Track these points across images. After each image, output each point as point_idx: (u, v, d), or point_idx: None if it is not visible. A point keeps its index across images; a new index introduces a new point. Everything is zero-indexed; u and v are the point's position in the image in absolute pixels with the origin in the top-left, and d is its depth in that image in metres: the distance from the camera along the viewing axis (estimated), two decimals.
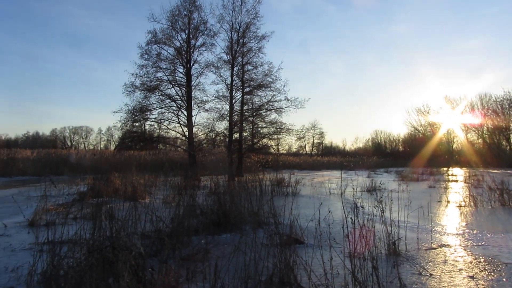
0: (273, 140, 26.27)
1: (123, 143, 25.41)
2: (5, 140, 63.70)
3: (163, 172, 15.98)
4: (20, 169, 24.42)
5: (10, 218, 7.25)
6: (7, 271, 4.05)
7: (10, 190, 14.17)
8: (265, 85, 23.29)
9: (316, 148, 72.91)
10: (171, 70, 22.91)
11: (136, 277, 3.04)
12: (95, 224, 3.59)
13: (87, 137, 70.02)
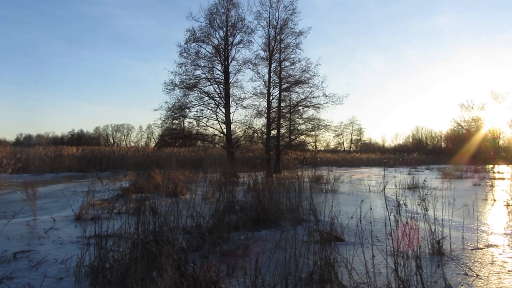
0: (311, 137, 26.11)
1: (163, 140, 25.96)
2: (52, 138, 66.55)
3: (202, 168, 16.22)
4: (66, 166, 25.43)
5: (58, 213, 7.56)
6: (57, 263, 4.23)
7: (58, 186, 14.79)
8: (303, 81, 23.12)
9: (354, 145, 71.72)
10: (209, 68, 23.18)
11: (179, 271, 3.10)
12: (138, 219, 3.68)
13: (128, 135, 71.95)
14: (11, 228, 5.95)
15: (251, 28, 23.32)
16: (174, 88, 22.65)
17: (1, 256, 4.45)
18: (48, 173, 23.57)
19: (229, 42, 23.24)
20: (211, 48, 23.15)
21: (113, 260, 3.50)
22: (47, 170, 24.05)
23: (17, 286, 3.45)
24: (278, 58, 23.37)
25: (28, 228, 6.18)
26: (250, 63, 23.32)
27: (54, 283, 3.58)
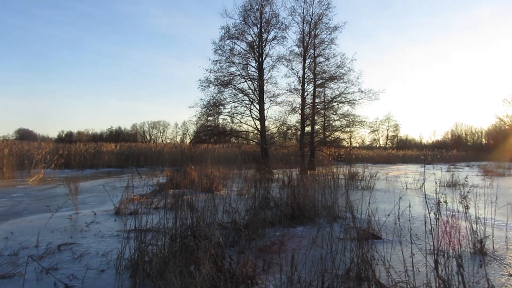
0: (346, 133, 25.71)
1: (198, 136, 26.30)
2: (92, 135, 68.60)
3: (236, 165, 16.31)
4: (105, 161, 26.23)
5: (98, 207, 7.81)
6: (98, 255, 4.37)
7: (97, 181, 15.28)
8: (338, 77, 22.83)
9: (390, 141, 70.26)
10: (243, 64, 23.24)
11: (216, 265, 3.14)
12: (176, 214, 3.75)
13: (164, 131, 73.27)
14: (55, 221, 6.20)
15: (285, 24, 23.22)
16: (209, 85, 22.89)
17: (47, 248, 4.64)
18: (88, 168, 24.39)
19: (263, 38, 23.22)
20: (245, 45, 23.23)
21: (152, 253, 3.58)
22: (88, 165, 24.89)
23: (62, 277, 3.60)
24: (312, 53, 23.17)
25: (71, 221, 6.41)
26: (284, 59, 23.23)
27: (96, 275, 3.71)
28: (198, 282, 2.76)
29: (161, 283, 2.89)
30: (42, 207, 8.17)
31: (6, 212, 7.71)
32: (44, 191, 11.78)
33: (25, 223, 6.41)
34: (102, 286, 3.41)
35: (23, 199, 9.82)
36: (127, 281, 3.46)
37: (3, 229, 5.88)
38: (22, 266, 3.91)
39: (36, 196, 10.59)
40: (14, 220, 6.72)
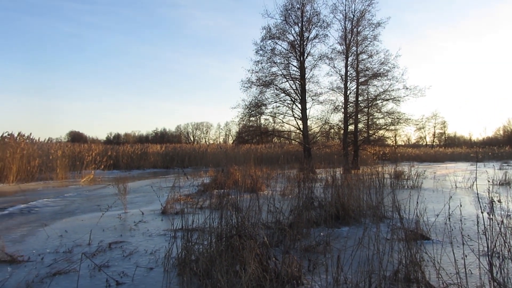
0: (390, 131, 25.10)
1: (240, 137, 26.55)
2: (138, 136, 70.82)
3: (279, 165, 16.32)
4: (151, 162, 26.99)
5: (145, 207, 8.04)
6: (147, 254, 4.50)
7: (144, 181, 15.73)
8: (381, 74, 22.33)
9: (437, 139, 67.91)
10: (285, 64, 23.22)
11: (261, 265, 3.15)
12: (221, 214, 3.80)
13: (207, 132, 74.44)
14: (105, 220, 6.43)
15: (326, 22, 22.99)
16: (250, 85, 23.06)
17: (98, 246, 4.83)
18: (135, 169, 25.18)
19: (305, 37, 23.10)
20: (286, 44, 23.20)
21: (198, 252, 3.65)
22: (134, 166, 25.70)
23: (113, 274, 3.73)
24: (355, 51, 22.80)
25: (120, 220, 6.64)
26: (326, 57, 23.00)
27: (145, 272, 3.82)
28: (244, 282, 2.78)
29: (208, 282, 2.94)
30: (93, 207, 8.51)
31: (60, 211, 8.09)
32: (94, 191, 12.27)
33: (78, 221, 6.70)
34: (151, 284, 3.51)
35: (75, 199, 10.26)
36: (175, 279, 3.54)
37: (58, 227, 6.17)
38: (76, 263, 4.08)
39: (87, 196, 11.05)
40: (67, 219, 7.04)
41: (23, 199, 10.09)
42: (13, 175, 15.38)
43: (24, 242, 5.30)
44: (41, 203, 9.34)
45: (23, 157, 16.04)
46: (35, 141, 18.64)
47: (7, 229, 6.23)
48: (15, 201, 9.75)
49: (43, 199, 10.04)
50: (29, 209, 8.42)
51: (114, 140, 64.22)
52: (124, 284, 3.50)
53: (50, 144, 20.84)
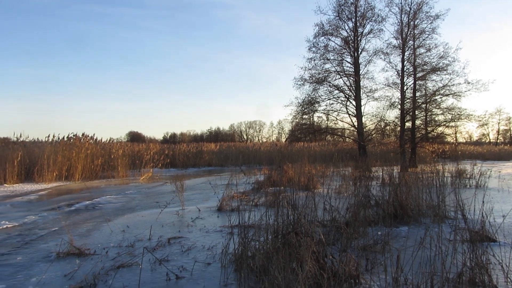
0: (450, 128, 23.97)
1: (293, 135, 26.47)
2: (193, 136, 72.57)
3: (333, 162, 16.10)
4: (206, 161, 27.60)
5: (202, 204, 8.23)
6: (204, 249, 4.61)
7: (200, 179, 16.11)
8: (441, 69, 21.34)
9: (502, 136, 64.09)
10: (338, 60, 22.86)
11: (318, 263, 3.13)
12: (277, 211, 3.81)
13: (260, 131, 74.87)
14: (164, 217, 6.66)
15: (381, 16, 22.35)
16: (303, 83, 22.90)
17: (158, 241, 5.01)
18: (191, 167, 25.85)
19: (359, 33, 22.60)
20: (340, 40, 22.83)
21: (255, 249, 3.68)
22: (190, 164, 26.39)
23: (173, 268, 3.85)
24: (412, 45, 21.97)
25: (178, 217, 6.84)
26: (382, 52, 22.36)
27: (203, 267, 3.92)
28: (300, 279, 2.77)
29: (265, 278, 2.96)
30: (152, 203, 8.84)
31: (122, 208, 8.46)
32: (153, 189, 12.73)
33: (139, 217, 6.98)
34: (209, 279, 3.59)
35: (136, 196, 10.70)
36: (232, 275, 3.60)
37: (120, 222, 6.47)
38: (138, 256, 4.25)
39: (147, 193, 11.48)
40: (129, 215, 7.36)
41: (88, 196, 10.67)
42: (78, 173, 16.30)
43: (90, 236, 5.60)
44: (104, 199, 9.82)
45: (87, 157, 16.95)
46: (98, 141, 19.63)
47: (74, 224, 6.62)
48: (81, 198, 10.32)
49: (106, 196, 10.56)
50: (94, 205, 8.89)
51: (171, 140, 66.22)
52: (183, 278, 3.61)
53: (111, 144, 21.87)
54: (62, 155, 16.08)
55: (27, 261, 4.42)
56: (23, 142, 17.37)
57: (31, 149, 16.33)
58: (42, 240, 5.49)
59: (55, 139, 17.51)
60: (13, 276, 3.91)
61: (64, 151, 16.33)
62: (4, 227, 6.44)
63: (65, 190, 12.94)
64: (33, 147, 16.76)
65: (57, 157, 15.79)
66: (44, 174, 15.22)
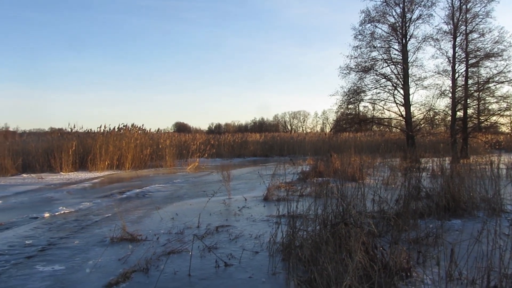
0: (505, 117, 22.74)
1: (338, 125, 26.07)
2: (237, 126, 73.14)
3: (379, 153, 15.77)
4: (251, 151, 27.81)
5: (248, 193, 8.31)
6: (252, 238, 4.67)
7: (245, 169, 16.26)
8: (495, 54, 20.18)
9: None
10: (385, 48, 22.19)
11: (367, 254, 3.09)
12: (326, 201, 3.79)
13: (304, 121, 74.27)
14: (211, 205, 6.78)
15: (431, 0, 21.41)
16: (349, 72, 22.42)
17: (206, 229, 5.12)
18: (236, 157, 26.13)
19: (407, 18, 21.78)
20: (387, 27, 22.11)
21: (302, 239, 3.68)
22: (235, 155, 26.69)
23: (222, 255, 3.93)
24: (464, 30, 20.91)
25: (225, 206, 6.96)
26: (431, 39, 21.42)
27: (251, 256, 3.97)
28: (350, 270, 2.75)
29: (314, 268, 2.96)
30: (199, 192, 9.03)
31: (170, 196, 8.71)
32: (199, 178, 13.00)
33: (187, 206, 7.16)
34: (257, 267, 3.63)
35: (183, 185, 10.97)
36: (279, 264, 3.63)
37: (169, 210, 6.66)
38: (187, 243, 4.37)
39: (194, 182, 11.74)
40: (177, 203, 7.56)
41: (138, 184, 11.04)
42: (128, 162, 16.90)
43: (141, 223, 5.81)
44: (154, 188, 10.14)
45: (137, 147, 17.54)
46: (147, 131, 20.24)
47: (126, 211, 6.88)
48: (131, 186, 10.70)
49: (155, 184, 10.89)
50: (144, 193, 9.20)
51: (216, 130, 67.08)
52: (232, 266, 3.68)
53: (159, 134, 22.49)
54: (113, 145, 16.72)
55: (83, 245, 4.66)
56: (77, 133, 18.18)
57: (85, 139, 17.08)
58: (96, 225, 5.76)
59: (106, 130, 18.22)
60: (71, 259, 4.13)
61: (115, 141, 16.97)
62: (62, 212, 6.80)
63: (116, 178, 13.47)
64: (86, 137, 17.50)
65: (108, 147, 16.44)
66: (97, 163, 15.90)
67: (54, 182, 11.84)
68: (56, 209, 7.04)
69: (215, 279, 3.37)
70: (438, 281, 2.99)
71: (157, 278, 3.35)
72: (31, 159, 15.76)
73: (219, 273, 3.52)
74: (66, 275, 3.62)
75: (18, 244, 4.78)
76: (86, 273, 3.65)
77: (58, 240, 4.94)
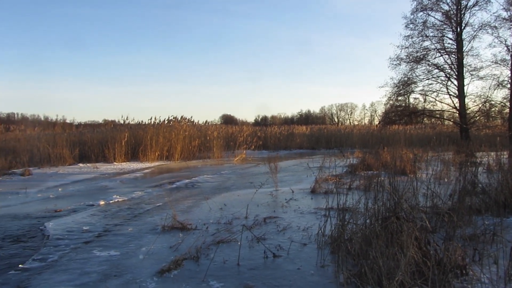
0: None
1: (387, 117, 25.40)
2: (283, 118, 72.99)
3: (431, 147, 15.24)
4: (297, 143, 27.72)
5: (295, 185, 8.30)
6: (299, 230, 4.67)
7: (291, 161, 16.24)
8: None
9: None
10: (438, 37, 21.32)
11: (420, 250, 3.01)
12: (376, 194, 3.72)
13: (352, 113, 72.90)
14: (258, 197, 6.83)
15: None
16: (399, 62, 21.76)
17: (254, 220, 5.18)
18: (282, 149, 26.13)
19: (462, 6, 20.78)
20: (440, 15, 21.22)
21: (351, 232, 3.64)
22: (281, 147, 26.68)
23: (270, 246, 3.96)
24: None
25: (272, 197, 6.99)
26: (489, 26, 20.30)
27: (299, 248, 3.97)
28: (402, 265, 2.69)
29: (364, 262, 2.92)
30: (247, 183, 9.12)
31: (218, 187, 8.86)
32: (246, 169, 13.13)
33: (234, 196, 7.26)
34: (305, 259, 3.64)
35: (231, 176, 11.12)
36: (328, 256, 3.61)
37: (217, 201, 6.78)
38: (236, 233, 4.43)
39: (241, 173, 11.88)
40: (225, 194, 7.68)
41: (187, 175, 11.32)
42: (177, 153, 17.34)
43: (190, 212, 5.96)
44: (202, 179, 10.35)
45: (185, 138, 17.95)
46: (195, 123, 20.64)
47: (176, 200, 7.08)
48: (181, 176, 10.98)
49: (203, 175, 11.11)
50: (192, 184, 9.42)
51: (262, 122, 67.28)
52: (280, 257, 3.70)
53: (207, 126, 22.87)
54: (163, 136, 17.21)
55: (136, 232, 4.85)
56: (129, 125, 18.85)
57: (136, 131, 17.70)
58: (148, 214, 5.97)
59: (156, 122, 18.76)
60: (126, 245, 4.31)
61: (165, 132, 17.46)
62: (116, 201, 7.09)
63: (166, 169, 13.87)
64: (137, 129, 18.13)
65: (158, 139, 16.94)
66: (148, 153, 16.43)
67: (108, 172, 12.36)
68: (111, 197, 7.34)
69: (264, 270, 3.40)
70: (497, 280, 2.86)
71: (207, 266, 3.42)
72: (86, 149, 16.53)
73: (268, 264, 3.55)
74: (121, 260, 3.78)
75: (77, 229, 5.04)
76: (140, 259, 3.80)
77: (113, 227, 5.16)
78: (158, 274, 3.33)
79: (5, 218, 5.81)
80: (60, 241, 4.54)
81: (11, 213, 6.16)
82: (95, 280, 3.26)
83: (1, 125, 18.06)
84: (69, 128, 23.98)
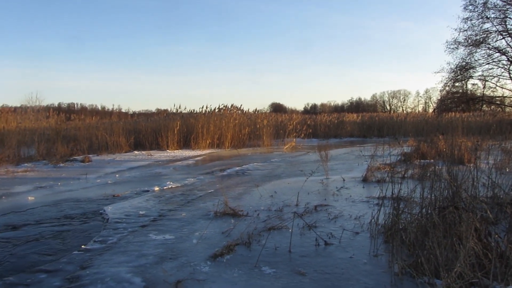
0: None
1: (443, 104, 24.39)
2: (333, 106, 71.92)
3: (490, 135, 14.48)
4: (348, 131, 27.22)
5: (346, 174, 8.18)
6: (351, 219, 4.61)
7: (342, 150, 16.02)
8: None
9: None
10: (500, 18, 20.09)
11: (480, 242, 2.89)
12: (432, 183, 3.60)
13: (405, 101, 70.56)
14: (309, 185, 6.80)
15: None
16: (457, 46, 20.82)
17: (305, 208, 5.17)
18: (332, 138, 25.81)
19: None
20: None
21: (406, 221, 3.55)
22: (331, 135, 26.35)
23: (321, 234, 3.94)
24: None
25: (323, 185, 6.94)
26: None
27: (351, 236, 3.93)
28: (461, 256, 2.60)
29: (420, 253, 2.84)
30: (297, 171, 9.11)
31: (269, 174, 8.90)
32: (296, 158, 13.09)
33: (284, 184, 7.28)
34: (357, 247, 3.59)
35: (280, 164, 11.14)
36: (381, 246, 3.55)
37: (268, 188, 6.82)
38: (287, 220, 4.45)
39: (291, 161, 11.86)
40: (275, 181, 7.71)
41: (237, 162, 11.46)
42: (228, 141, 17.57)
43: (241, 199, 6.04)
44: (252, 166, 10.44)
45: (235, 126, 18.14)
46: (245, 112, 20.79)
47: (227, 187, 7.19)
48: (231, 164, 11.13)
49: (253, 163, 11.20)
50: (243, 171, 9.52)
51: (311, 110, 66.72)
52: (332, 245, 3.68)
53: (256, 114, 22.97)
54: (214, 124, 17.48)
55: (190, 217, 4.99)
56: (181, 113, 19.29)
57: (188, 120, 18.10)
58: (201, 200, 6.12)
59: (207, 110, 19.08)
60: (180, 229, 4.45)
61: (216, 121, 17.73)
62: (169, 187, 7.32)
63: (217, 156, 14.11)
64: (189, 117, 18.52)
65: (209, 127, 17.23)
66: (199, 141, 16.79)
67: (162, 159, 12.75)
68: (164, 183, 7.58)
69: (315, 257, 3.40)
70: None
71: (259, 252, 3.47)
72: (141, 138, 17.13)
73: (319, 252, 3.55)
74: (176, 244, 3.91)
75: (133, 214, 5.26)
76: (193, 243, 3.91)
77: (167, 212, 5.34)
78: (211, 258, 3.41)
79: (68, 201, 6.16)
80: (119, 224, 4.75)
81: (74, 197, 6.52)
82: (152, 262, 3.40)
83: (63, 114, 18.98)
84: (124, 117, 24.96)
